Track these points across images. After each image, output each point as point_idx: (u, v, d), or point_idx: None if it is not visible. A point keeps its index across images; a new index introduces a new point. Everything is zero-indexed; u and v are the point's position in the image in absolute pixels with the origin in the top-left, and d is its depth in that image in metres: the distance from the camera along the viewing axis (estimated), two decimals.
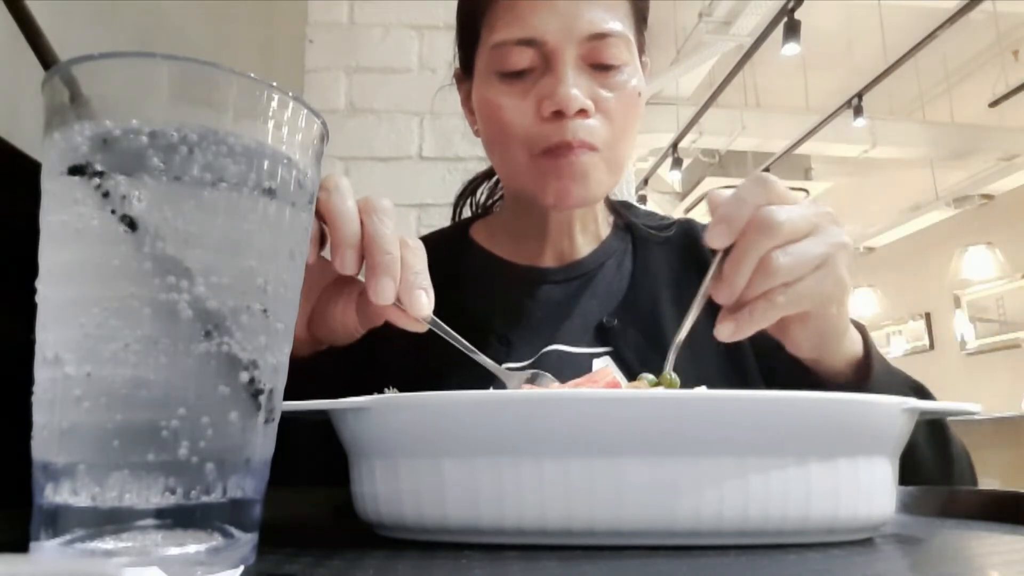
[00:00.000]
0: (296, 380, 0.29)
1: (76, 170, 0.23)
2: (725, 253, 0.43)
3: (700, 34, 3.82)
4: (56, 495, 0.22)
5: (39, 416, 0.23)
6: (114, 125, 0.23)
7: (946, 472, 0.52)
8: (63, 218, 0.24)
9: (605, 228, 0.74)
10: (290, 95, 0.26)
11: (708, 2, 3.72)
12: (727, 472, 0.28)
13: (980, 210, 5.42)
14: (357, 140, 1.51)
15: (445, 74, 0.75)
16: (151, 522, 0.22)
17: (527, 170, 0.61)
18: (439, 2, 1.53)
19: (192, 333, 0.23)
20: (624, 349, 0.63)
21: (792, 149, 4.65)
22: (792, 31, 3.20)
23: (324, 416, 0.35)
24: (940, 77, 4.74)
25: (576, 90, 0.57)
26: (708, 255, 0.71)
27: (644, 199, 5.16)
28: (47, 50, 0.26)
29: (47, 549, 0.22)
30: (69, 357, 0.23)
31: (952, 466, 0.53)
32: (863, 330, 0.54)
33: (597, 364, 0.63)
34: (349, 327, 0.47)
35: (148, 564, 0.20)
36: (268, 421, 0.26)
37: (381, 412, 0.31)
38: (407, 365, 0.60)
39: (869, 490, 0.31)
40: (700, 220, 0.78)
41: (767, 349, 0.63)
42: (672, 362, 0.47)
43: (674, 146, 4.60)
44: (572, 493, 0.28)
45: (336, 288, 0.47)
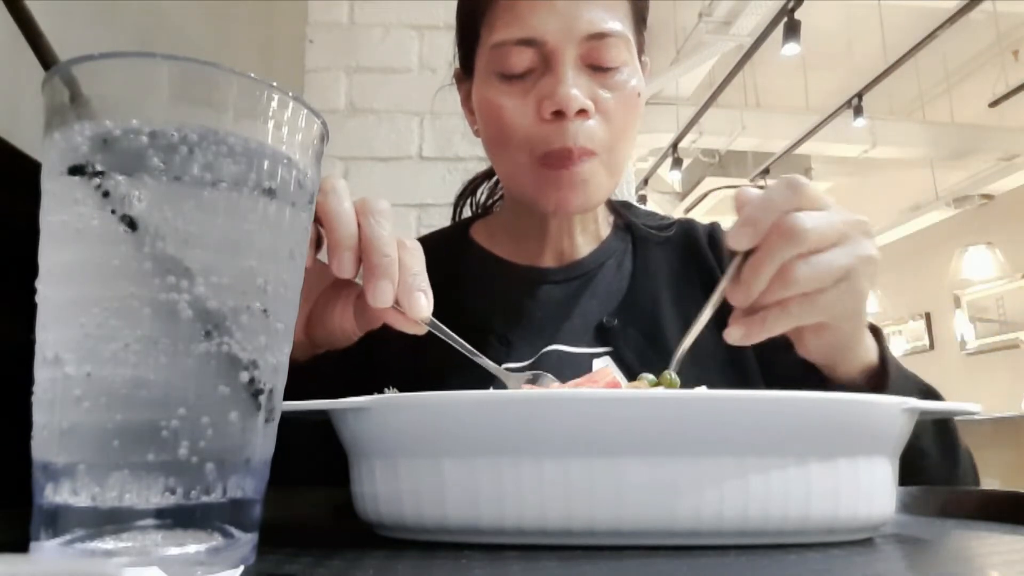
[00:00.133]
0: (295, 381, 0.29)
1: (76, 170, 0.23)
2: (746, 255, 0.42)
3: (700, 34, 3.82)
4: (56, 495, 0.22)
5: (39, 416, 0.23)
6: (114, 125, 0.23)
7: (952, 475, 0.52)
8: (63, 218, 0.24)
9: (605, 228, 0.74)
10: (290, 95, 0.26)
11: (708, 2, 3.72)
12: (727, 472, 0.28)
13: (980, 210, 5.42)
14: (357, 140, 1.51)
15: (445, 74, 0.75)
16: (151, 522, 0.22)
17: (527, 174, 0.61)
18: (439, 2, 1.54)
19: (192, 333, 0.23)
20: (624, 349, 0.63)
21: (792, 149, 4.65)
22: (792, 31, 3.20)
23: (323, 416, 0.35)
24: (940, 77, 4.74)
25: (576, 90, 0.56)
26: (708, 255, 0.72)
27: (644, 199, 5.17)
28: (47, 50, 0.26)
29: (47, 549, 0.22)
30: (69, 357, 0.23)
31: (957, 469, 0.53)
32: (879, 335, 0.53)
33: (597, 364, 0.63)
34: (347, 330, 0.47)
35: (148, 564, 0.20)
36: (268, 421, 0.26)
37: (381, 412, 0.31)
38: (406, 366, 0.60)
39: (869, 490, 0.31)
40: (700, 220, 0.78)
41: (769, 349, 0.63)
42: (678, 361, 0.47)
43: (674, 146, 4.60)
44: (572, 493, 0.28)
45: (334, 291, 0.47)
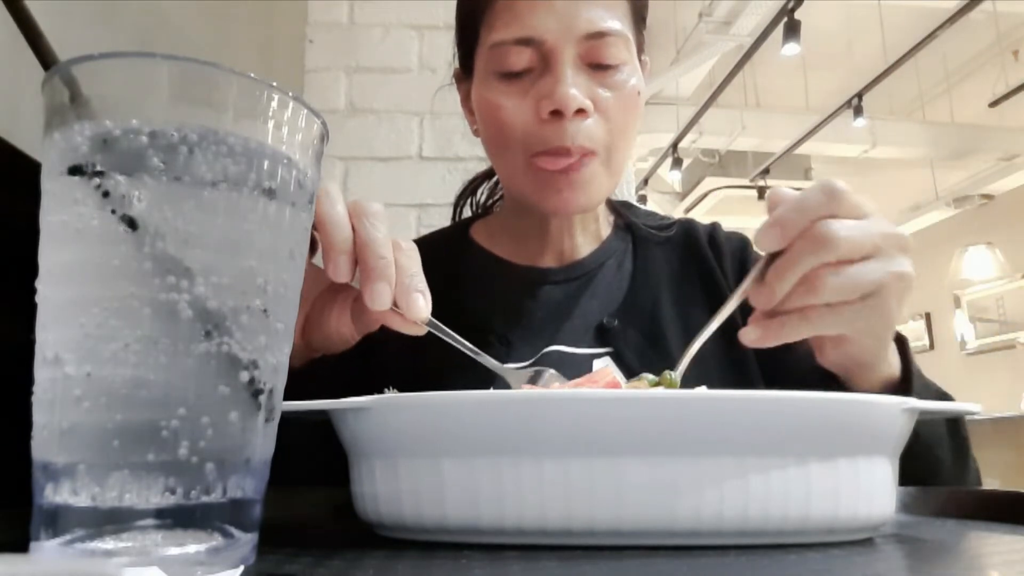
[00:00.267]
0: (292, 385, 0.29)
1: (76, 170, 0.23)
2: (773, 256, 0.41)
3: (700, 34, 3.82)
4: (56, 495, 0.22)
5: (39, 416, 0.23)
6: (114, 125, 0.23)
7: (961, 482, 0.52)
8: (63, 218, 0.24)
9: (606, 228, 0.74)
10: (290, 95, 0.26)
11: (708, 2, 3.72)
12: (727, 472, 0.28)
13: (980, 210, 5.42)
14: (357, 140, 1.51)
15: (445, 74, 0.75)
16: (151, 522, 0.22)
17: (526, 174, 0.60)
18: (439, 2, 1.53)
19: (192, 333, 0.23)
20: (624, 350, 0.63)
21: (792, 149, 4.65)
22: (792, 31, 3.20)
23: (323, 416, 0.35)
24: (940, 77, 4.74)
25: (575, 89, 0.56)
26: (708, 255, 0.72)
27: (644, 199, 5.17)
28: (47, 50, 0.26)
29: (47, 549, 0.22)
30: (69, 357, 0.23)
31: (967, 476, 0.53)
32: (904, 345, 0.50)
33: (597, 365, 0.63)
34: (345, 334, 0.47)
35: (148, 564, 0.20)
36: (268, 421, 0.26)
37: (381, 412, 0.31)
38: (405, 367, 0.60)
39: (869, 490, 0.31)
40: (700, 220, 0.78)
41: (771, 351, 0.63)
42: (689, 360, 0.46)
43: (674, 146, 4.60)
44: (572, 493, 0.28)
45: (330, 294, 0.47)
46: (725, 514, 0.28)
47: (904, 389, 0.48)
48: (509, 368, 0.50)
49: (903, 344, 0.50)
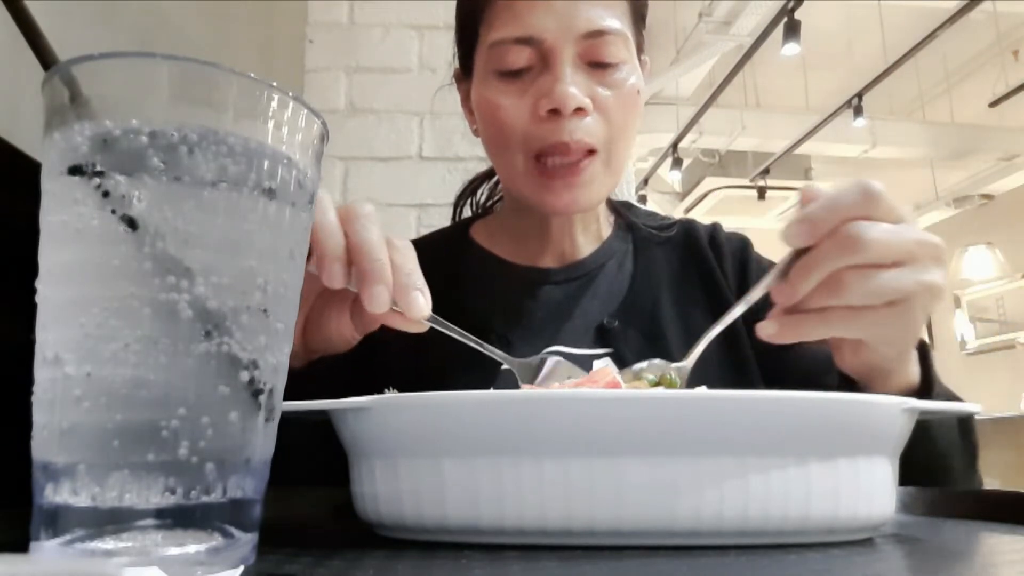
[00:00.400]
0: (292, 387, 0.29)
1: (76, 170, 0.23)
2: (799, 253, 0.40)
3: (700, 34, 3.82)
4: (56, 495, 0.22)
5: (39, 416, 0.23)
6: (114, 125, 0.23)
7: (967, 485, 0.52)
8: (63, 218, 0.24)
9: (606, 228, 0.74)
10: (290, 95, 0.26)
11: (708, 2, 3.72)
12: (727, 472, 0.28)
13: (980, 210, 5.43)
14: (357, 140, 1.51)
15: (445, 74, 0.75)
16: (151, 522, 0.22)
17: (525, 174, 0.60)
18: (439, 2, 1.54)
19: (192, 333, 0.23)
20: (625, 350, 0.63)
21: (792, 149, 4.65)
22: (792, 31, 3.20)
23: (323, 416, 0.35)
24: (940, 77, 4.74)
25: (574, 88, 0.56)
26: (709, 256, 0.72)
27: (644, 199, 5.17)
28: (47, 50, 0.26)
29: (47, 549, 0.22)
30: (69, 357, 0.23)
31: (974, 480, 0.53)
32: (925, 352, 0.48)
33: (597, 365, 0.63)
34: (345, 335, 0.47)
35: (148, 564, 0.20)
36: (268, 421, 0.26)
37: (381, 412, 0.31)
38: (406, 367, 0.60)
39: (869, 490, 0.31)
40: (700, 220, 0.78)
41: (771, 351, 0.63)
42: (700, 351, 0.46)
43: (674, 146, 4.60)
44: (572, 493, 0.28)
45: (328, 297, 0.46)
46: (725, 514, 0.28)
47: (922, 399, 0.47)
48: (515, 359, 0.49)
49: (924, 351, 0.49)
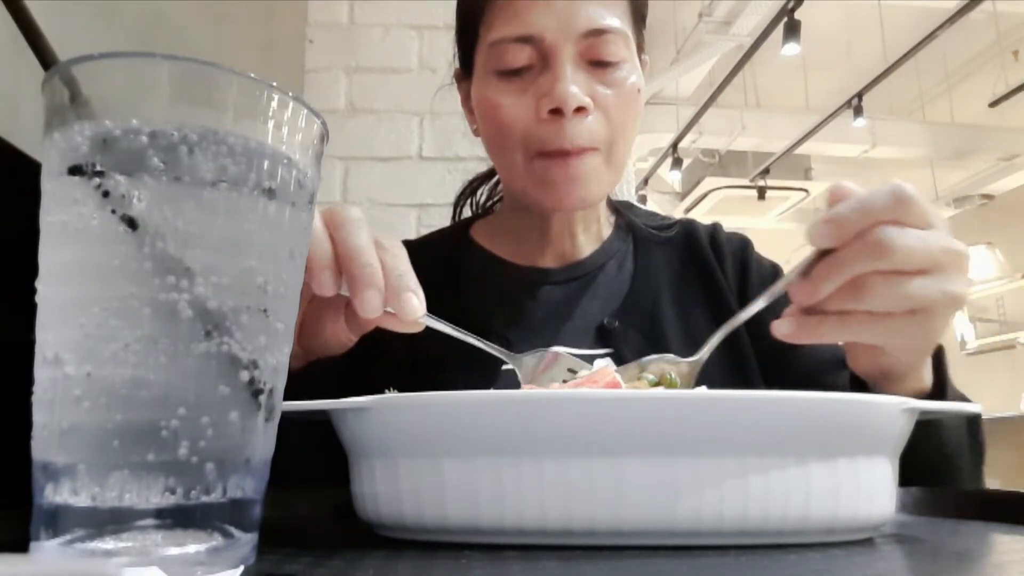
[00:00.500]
0: (291, 387, 0.29)
1: (76, 170, 0.23)
2: (823, 252, 0.39)
3: (700, 34, 3.82)
4: (56, 495, 0.22)
5: (39, 416, 0.23)
6: (114, 125, 0.23)
7: (974, 485, 0.52)
8: (63, 218, 0.24)
9: (607, 228, 0.73)
10: (290, 95, 0.26)
11: (708, 2, 3.72)
12: (727, 472, 0.28)
13: (980, 210, 5.42)
14: (357, 140, 1.51)
15: (445, 74, 0.75)
16: (151, 522, 0.22)
17: (525, 173, 0.60)
18: (439, 2, 1.54)
19: (192, 333, 0.23)
20: (625, 351, 0.63)
21: (792, 149, 4.65)
22: (792, 31, 3.20)
23: (323, 417, 0.35)
24: (940, 77, 4.74)
25: (575, 87, 0.56)
26: (709, 256, 0.71)
27: (644, 199, 5.16)
28: (47, 50, 0.26)
29: (47, 549, 0.22)
30: (69, 357, 0.23)
31: (980, 481, 0.53)
32: (940, 356, 0.48)
33: (598, 365, 0.63)
34: (341, 338, 0.47)
35: (148, 564, 0.20)
36: (268, 421, 0.26)
37: (381, 412, 0.31)
38: (406, 367, 0.60)
39: (869, 490, 0.31)
40: (701, 220, 0.78)
41: (771, 351, 0.63)
42: (713, 346, 0.46)
43: (674, 146, 4.60)
44: (572, 493, 0.28)
45: (322, 301, 0.45)
46: (725, 514, 0.28)
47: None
48: (514, 355, 0.49)
49: (939, 355, 0.48)
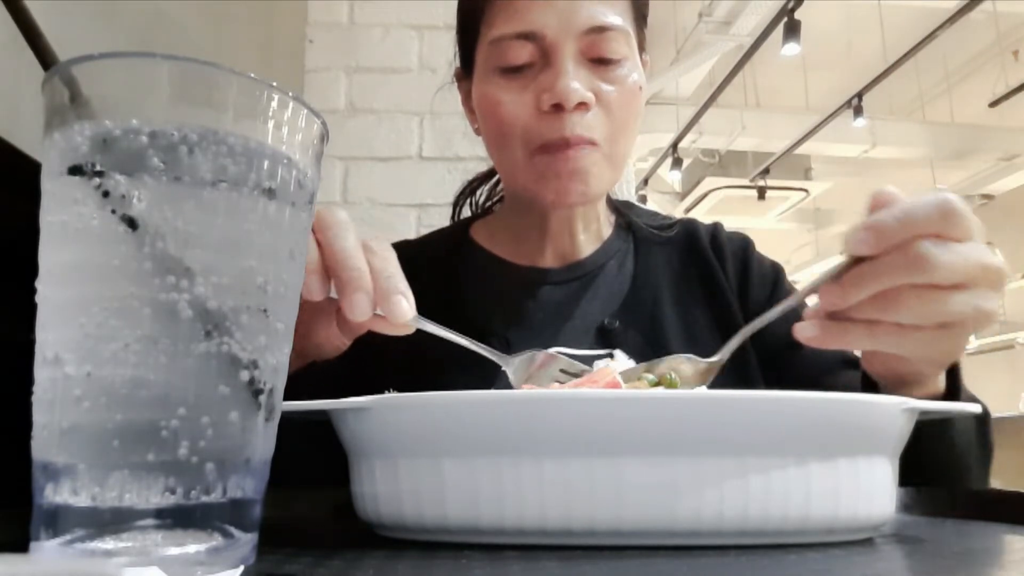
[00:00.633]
0: (290, 388, 0.29)
1: (76, 170, 0.23)
2: (858, 258, 0.38)
3: (700, 34, 3.82)
4: (56, 495, 0.22)
5: (39, 416, 0.23)
6: (114, 125, 0.23)
7: (981, 485, 0.52)
8: (63, 218, 0.24)
9: (607, 228, 0.73)
10: (290, 95, 0.26)
11: (708, 2, 3.73)
12: (727, 472, 0.28)
13: (980, 210, 5.41)
14: (357, 140, 1.51)
15: (445, 74, 0.75)
16: (151, 522, 0.22)
17: (525, 168, 0.60)
18: (439, 2, 1.53)
19: (192, 333, 0.23)
20: (625, 351, 0.63)
21: (792, 149, 4.65)
22: (792, 31, 3.21)
23: (322, 417, 0.35)
24: (940, 77, 4.75)
25: (576, 83, 0.56)
26: (710, 256, 0.71)
27: (644, 199, 5.17)
28: (47, 50, 0.26)
29: (47, 549, 0.22)
30: (69, 357, 0.23)
31: (986, 480, 0.53)
32: (954, 365, 0.46)
33: (598, 366, 0.63)
34: (334, 342, 0.47)
35: (148, 564, 0.20)
36: (268, 421, 0.26)
37: (381, 412, 0.31)
38: (404, 367, 0.60)
39: (869, 490, 0.31)
40: (701, 220, 0.78)
41: (773, 351, 0.63)
42: (734, 347, 0.46)
43: (674, 146, 4.61)
44: (572, 493, 0.28)
45: (313, 306, 0.45)
46: (725, 514, 0.28)
47: (947, 418, 0.46)
48: (504, 355, 0.49)
49: (954, 365, 0.47)
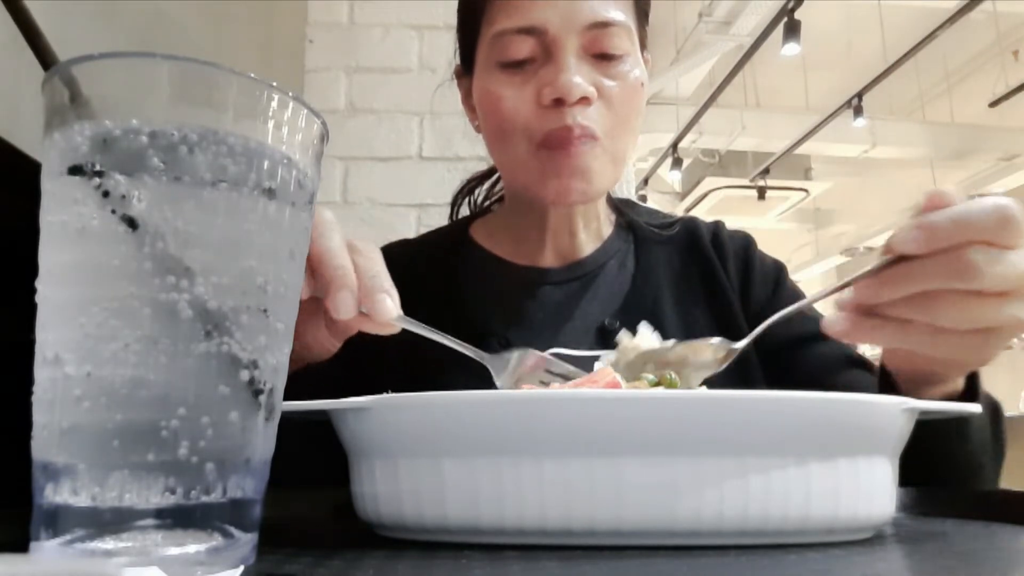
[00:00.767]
0: (291, 388, 0.29)
1: (76, 170, 0.23)
2: (899, 257, 0.37)
3: (700, 34, 3.82)
4: (56, 495, 0.22)
5: (39, 416, 0.23)
6: (114, 125, 0.23)
7: (992, 483, 0.51)
8: (63, 218, 0.24)
9: (607, 227, 0.73)
10: (290, 95, 0.26)
11: (708, 2, 3.73)
12: (727, 472, 0.28)
13: None
14: (357, 140, 1.51)
15: (445, 73, 0.75)
16: (151, 522, 0.22)
17: (527, 164, 0.60)
18: (439, 2, 1.54)
19: (192, 333, 0.23)
20: None
21: (792, 149, 4.65)
22: (792, 31, 3.21)
23: (322, 417, 0.35)
24: (940, 77, 4.75)
25: (578, 78, 0.56)
26: (711, 255, 0.71)
27: (644, 199, 5.17)
28: (47, 50, 0.26)
29: (47, 549, 0.22)
30: (69, 357, 0.23)
31: (997, 479, 0.53)
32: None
33: (598, 367, 0.63)
34: (324, 344, 0.46)
35: (148, 564, 0.20)
36: (268, 421, 0.26)
37: (381, 412, 0.31)
38: (404, 369, 0.60)
39: (869, 490, 0.31)
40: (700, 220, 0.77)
41: (775, 350, 0.63)
42: (752, 339, 0.45)
43: (674, 146, 4.61)
44: (572, 493, 0.28)
45: (303, 307, 0.46)
46: (725, 514, 0.28)
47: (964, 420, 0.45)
48: (488, 355, 0.49)
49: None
